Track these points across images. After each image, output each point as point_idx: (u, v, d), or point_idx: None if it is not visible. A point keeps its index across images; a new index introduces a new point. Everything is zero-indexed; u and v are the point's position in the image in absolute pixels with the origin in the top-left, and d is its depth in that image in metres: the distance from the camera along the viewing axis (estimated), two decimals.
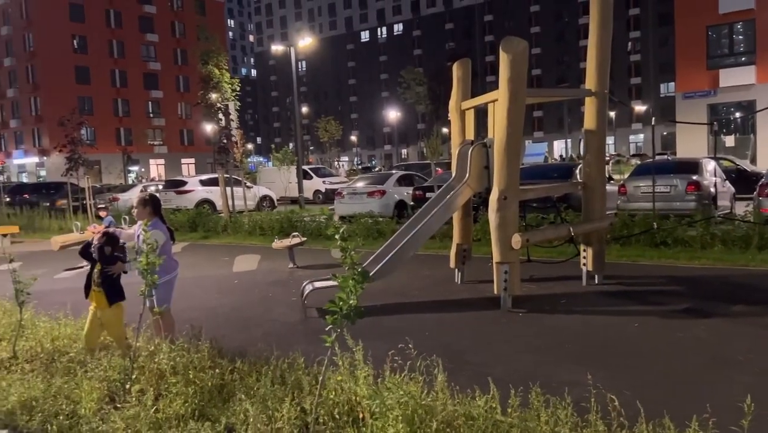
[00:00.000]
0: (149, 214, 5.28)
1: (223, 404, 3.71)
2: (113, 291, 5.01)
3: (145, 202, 5.31)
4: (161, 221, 5.34)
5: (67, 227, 17.72)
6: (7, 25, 63.16)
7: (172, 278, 5.37)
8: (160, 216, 5.38)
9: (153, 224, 5.20)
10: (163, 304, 5.18)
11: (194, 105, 25.40)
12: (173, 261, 5.40)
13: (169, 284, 5.32)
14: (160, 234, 5.09)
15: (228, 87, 17.34)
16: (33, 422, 3.73)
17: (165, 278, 5.16)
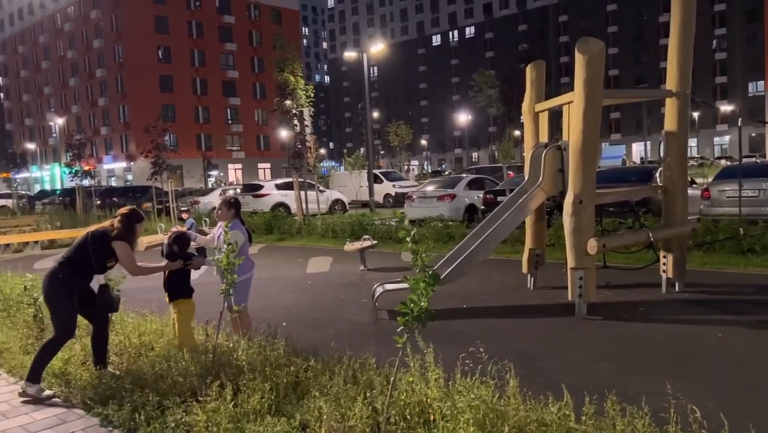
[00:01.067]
0: (232, 216, 5.50)
1: (298, 401, 3.82)
2: (175, 289, 5.19)
3: (228, 204, 5.54)
4: (241, 223, 5.55)
5: (151, 229, 18.64)
6: (99, 38, 67.22)
7: (248, 278, 5.56)
8: (240, 218, 5.59)
9: (233, 225, 5.42)
10: (240, 303, 5.36)
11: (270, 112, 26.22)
12: (250, 261, 5.60)
13: (246, 284, 5.50)
14: (240, 235, 5.30)
15: (302, 94, 17.79)
16: (123, 412, 3.97)
17: (242, 278, 5.33)
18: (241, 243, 5.29)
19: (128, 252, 4.78)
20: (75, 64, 72.46)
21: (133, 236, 4.89)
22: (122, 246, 4.74)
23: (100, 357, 4.84)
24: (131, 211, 4.96)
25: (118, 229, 4.80)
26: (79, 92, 72.50)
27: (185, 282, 5.22)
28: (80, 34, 70.74)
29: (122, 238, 4.76)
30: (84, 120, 70.95)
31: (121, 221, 4.82)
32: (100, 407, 4.13)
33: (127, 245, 4.79)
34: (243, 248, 5.38)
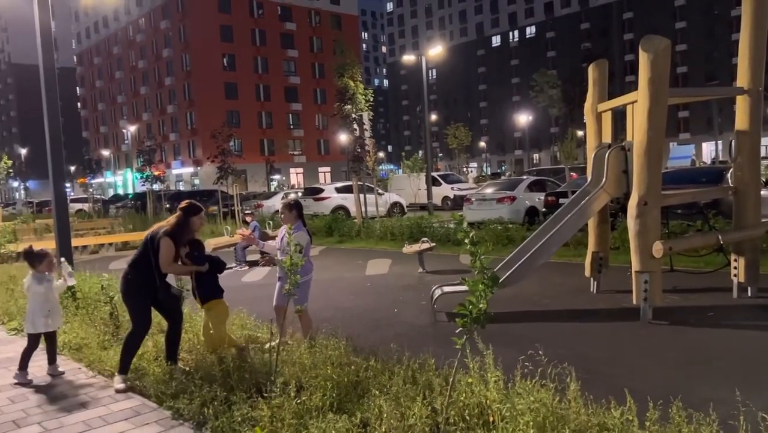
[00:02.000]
0: (295, 218, 5.64)
1: (358, 400, 3.91)
2: (206, 291, 5.28)
3: (291, 207, 5.69)
4: (303, 225, 5.68)
5: (218, 231, 19.27)
6: (168, 48, 69.97)
7: (309, 279, 5.69)
8: (302, 220, 5.73)
9: (297, 228, 5.55)
10: (301, 303, 5.48)
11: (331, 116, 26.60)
12: (310, 263, 5.73)
13: (306, 284, 5.62)
14: (305, 236, 5.44)
15: (362, 98, 17.99)
16: (192, 406, 4.16)
17: (303, 279, 5.43)
18: (305, 244, 5.42)
19: (168, 247, 4.89)
20: (146, 73, 75.65)
21: (188, 229, 5.02)
22: (165, 241, 4.90)
23: (172, 353, 5.08)
24: (188, 205, 5.11)
25: (170, 224, 5.01)
26: (150, 100, 75.63)
27: (215, 283, 5.31)
28: (151, 45, 73.81)
29: (169, 233, 4.92)
30: (154, 127, 73.95)
31: (177, 216, 5.04)
32: (172, 401, 4.33)
33: (170, 240, 4.90)
34: (305, 250, 5.51)
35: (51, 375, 5.28)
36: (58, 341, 6.03)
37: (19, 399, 4.79)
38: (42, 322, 5.24)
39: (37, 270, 5.29)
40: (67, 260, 8.14)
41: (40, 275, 5.30)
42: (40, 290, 5.26)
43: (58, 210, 8.68)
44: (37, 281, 5.28)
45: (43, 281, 5.29)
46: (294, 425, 3.56)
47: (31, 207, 40.69)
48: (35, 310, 5.25)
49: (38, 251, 5.38)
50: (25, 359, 5.24)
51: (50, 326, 5.30)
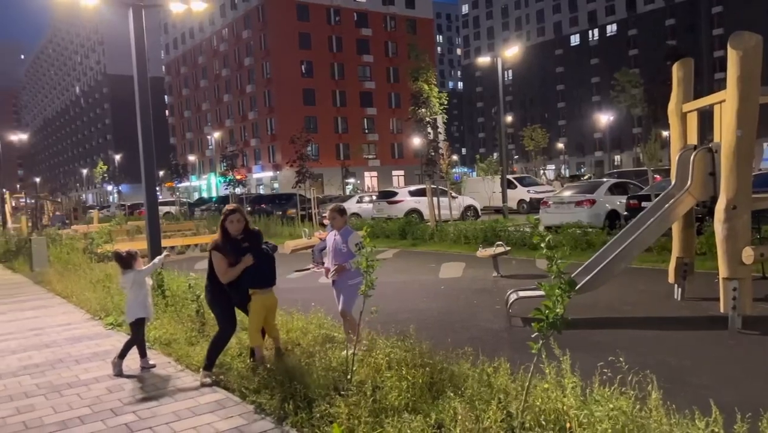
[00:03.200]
0: (344, 221, 5.70)
1: (433, 401, 3.95)
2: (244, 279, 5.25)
3: (341, 212, 5.73)
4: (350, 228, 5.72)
5: (296, 233, 19.81)
6: (249, 56, 72.50)
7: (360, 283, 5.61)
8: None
9: (346, 230, 5.62)
10: (353, 305, 5.52)
11: (405, 120, 26.80)
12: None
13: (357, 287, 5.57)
14: (358, 235, 5.48)
15: (436, 102, 18.01)
16: (273, 401, 4.34)
17: (356, 280, 5.47)
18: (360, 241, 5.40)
19: (218, 259, 5.09)
20: (228, 81, 78.68)
21: (228, 235, 5.16)
22: (214, 255, 5.14)
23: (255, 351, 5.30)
24: (223, 214, 5.31)
25: (215, 237, 5.29)
26: (232, 107, 78.57)
27: (258, 272, 5.21)
28: (233, 54, 76.70)
29: (214, 246, 5.16)
30: (236, 133, 76.76)
31: (218, 226, 5.29)
32: (254, 396, 4.53)
33: (217, 252, 5.10)
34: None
35: (143, 368, 5.63)
36: (149, 336, 6.43)
37: (115, 389, 5.14)
38: (137, 309, 5.67)
39: (128, 269, 5.72)
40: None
41: (131, 271, 5.71)
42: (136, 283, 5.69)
43: (150, 213, 9.21)
44: (130, 276, 5.69)
45: (135, 275, 5.71)
46: (370, 424, 3.64)
47: (124, 209, 43.16)
48: (131, 301, 5.70)
49: (126, 253, 5.82)
50: (126, 349, 5.63)
51: (141, 313, 5.68)
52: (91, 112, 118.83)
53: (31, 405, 4.82)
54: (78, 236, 18.00)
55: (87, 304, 8.90)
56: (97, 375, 5.56)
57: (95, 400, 4.88)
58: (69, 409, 4.68)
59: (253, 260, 5.13)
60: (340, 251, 5.55)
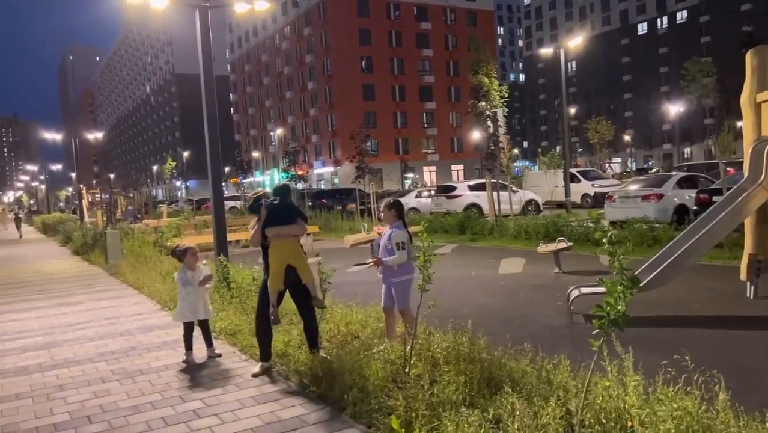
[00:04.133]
0: (394, 217, 5.59)
1: (490, 396, 3.95)
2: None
3: (390, 206, 5.63)
4: (403, 225, 5.62)
5: (355, 228, 20.03)
6: (310, 53, 73.56)
7: (407, 280, 5.53)
8: (402, 220, 5.66)
9: (396, 226, 5.55)
10: (404, 303, 5.47)
11: (464, 114, 26.56)
12: (411, 263, 5.53)
13: (405, 285, 5.51)
14: (404, 234, 5.45)
15: (497, 94, 17.77)
16: (333, 391, 4.44)
17: (402, 278, 5.48)
18: (405, 241, 5.39)
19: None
20: (290, 78, 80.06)
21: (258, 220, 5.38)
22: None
23: (312, 342, 5.41)
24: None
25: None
26: (294, 104, 79.96)
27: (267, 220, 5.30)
28: (295, 51, 77.98)
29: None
30: (298, 129, 78.09)
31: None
32: (315, 386, 4.65)
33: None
34: (407, 247, 5.43)
35: (209, 357, 5.85)
36: (216, 327, 6.68)
37: (183, 377, 5.37)
38: (185, 313, 5.84)
39: (183, 264, 5.92)
40: (224, 253, 8.93)
41: (184, 270, 5.90)
42: (180, 280, 5.87)
43: (216, 207, 9.53)
44: (181, 274, 5.90)
45: (185, 275, 5.88)
46: (428, 416, 3.68)
47: (191, 204, 44.68)
48: (180, 301, 5.92)
49: (181, 248, 6.03)
50: (186, 341, 5.86)
51: (188, 317, 5.85)
52: (161, 110, 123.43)
53: (107, 390, 5.10)
54: (149, 230, 18.80)
55: (157, 295, 9.31)
56: (167, 363, 5.83)
57: (165, 386, 5.12)
58: (141, 394, 4.93)
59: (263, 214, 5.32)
60: (385, 246, 5.52)
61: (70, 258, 17.73)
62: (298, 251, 5.32)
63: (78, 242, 19.35)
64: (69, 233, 22.87)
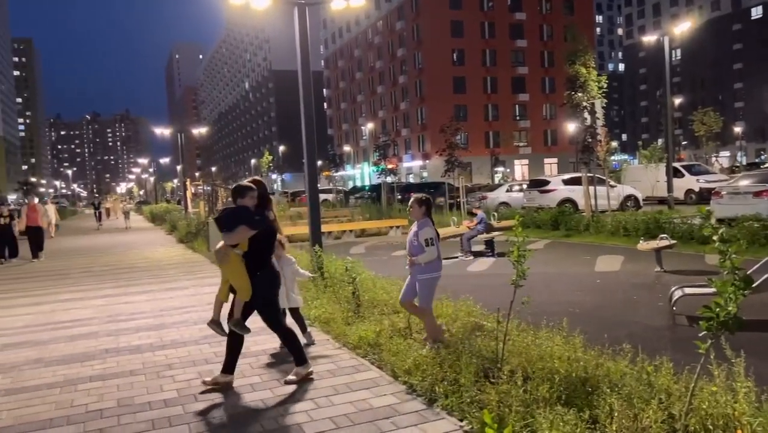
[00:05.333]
0: (423, 214, 5.51)
1: (587, 396, 3.84)
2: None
3: (421, 203, 5.55)
4: (431, 222, 5.54)
5: (444, 222, 19.98)
6: (402, 47, 73.87)
7: (433, 278, 5.49)
8: (429, 216, 5.58)
9: (423, 223, 5.48)
10: (424, 301, 5.45)
11: (559, 106, 25.82)
12: (438, 261, 5.51)
13: (429, 282, 5.47)
14: (431, 231, 5.39)
15: (594, 85, 17.16)
16: (425, 383, 4.47)
17: (428, 275, 5.43)
18: (431, 237, 5.34)
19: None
20: (382, 73, 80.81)
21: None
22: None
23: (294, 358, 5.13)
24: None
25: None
26: (385, 98, 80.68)
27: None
28: (387, 45, 78.60)
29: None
30: (388, 123, 78.76)
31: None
32: (406, 376, 4.70)
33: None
34: (435, 243, 5.37)
35: (305, 343, 6.03)
36: (310, 315, 6.90)
37: (281, 361, 5.59)
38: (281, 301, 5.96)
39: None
40: (318, 244, 9.20)
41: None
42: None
43: (312, 200, 9.81)
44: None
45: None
46: (521, 413, 3.64)
47: (287, 197, 46.22)
48: None
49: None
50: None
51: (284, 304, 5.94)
52: (259, 105, 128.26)
53: (210, 371, 5.40)
54: None
55: None
56: (265, 348, 6.08)
57: (264, 370, 5.36)
58: (242, 376, 5.19)
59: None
60: (412, 243, 5.49)
61: (175, 246, 18.85)
62: (233, 265, 4.77)
63: (183, 231, 20.53)
64: (174, 223, 24.33)
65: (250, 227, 4.63)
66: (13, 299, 9.92)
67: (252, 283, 4.77)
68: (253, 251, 4.74)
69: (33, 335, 7.19)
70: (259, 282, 4.79)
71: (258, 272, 4.78)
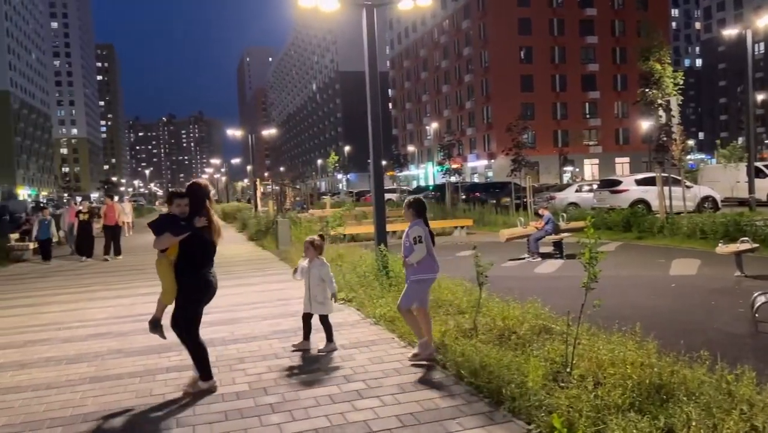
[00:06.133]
0: (413, 215, 5.56)
1: (661, 404, 3.71)
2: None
3: (409, 206, 5.62)
4: (423, 223, 5.51)
5: (510, 222, 19.70)
6: (468, 46, 73.31)
7: (424, 279, 5.47)
8: (423, 218, 5.53)
9: (413, 223, 5.50)
10: (410, 301, 5.41)
11: (632, 103, 24.94)
12: (430, 263, 5.46)
13: (420, 284, 5.45)
14: (420, 229, 5.39)
15: (670, 82, 16.52)
16: (491, 385, 4.44)
17: (418, 276, 5.41)
18: (421, 234, 5.35)
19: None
20: (447, 72, 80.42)
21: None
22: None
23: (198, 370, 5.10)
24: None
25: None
26: (450, 97, 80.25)
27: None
28: (452, 45, 78.16)
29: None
30: (453, 123, 78.30)
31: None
32: (472, 378, 4.68)
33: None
34: (425, 241, 5.38)
35: (327, 350, 5.92)
36: (375, 313, 6.98)
37: (347, 358, 5.66)
38: (304, 302, 6.05)
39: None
40: (383, 243, 9.26)
41: (301, 265, 6.14)
42: (300, 272, 6.11)
43: (377, 199, 9.89)
44: (300, 264, 6.17)
45: (300, 269, 6.11)
46: (592, 418, 3.55)
47: (351, 196, 46.76)
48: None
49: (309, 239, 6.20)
50: (303, 329, 6.11)
51: (305, 307, 6.02)
52: (325, 107, 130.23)
53: (280, 365, 5.54)
54: (314, 219, 20.01)
55: None
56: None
57: (331, 366, 5.45)
58: (309, 372, 5.30)
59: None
60: (404, 244, 5.54)
61: (245, 243, 19.41)
62: (160, 268, 4.89)
63: (252, 229, 21.12)
64: (245, 221, 25.05)
65: (173, 234, 4.72)
66: (97, 292, 10.50)
67: (178, 288, 4.83)
68: (181, 257, 4.80)
69: (115, 326, 7.59)
70: (182, 288, 4.82)
71: (183, 278, 4.81)
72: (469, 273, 6.01)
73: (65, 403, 4.77)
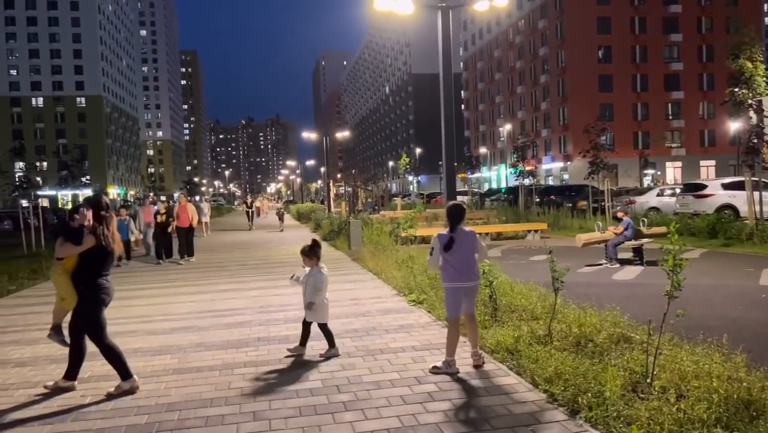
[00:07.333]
0: (444, 224, 5.59)
1: (750, 421, 3.53)
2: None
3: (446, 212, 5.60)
4: (444, 233, 5.38)
5: (587, 227, 19.14)
6: (544, 46, 71.76)
7: (446, 288, 5.42)
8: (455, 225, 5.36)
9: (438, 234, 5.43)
10: (448, 310, 5.46)
11: (720, 104, 23.65)
12: (452, 271, 5.32)
13: (446, 292, 5.44)
14: (434, 240, 5.38)
15: (762, 80, 15.64)
16: (567, 393, 4.33)
17: (444, 285, 5.44)
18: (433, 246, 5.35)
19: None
20: (522, 72, 79.02)
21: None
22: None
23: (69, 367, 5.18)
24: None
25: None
26: (524, 99, 78.78)
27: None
28: (528, 45, 76.73)
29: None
30: (527, 124, 76.82)
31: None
32: (547, 385, 4.59)
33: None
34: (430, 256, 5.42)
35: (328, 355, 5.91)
36: (442, 316, 6.90)
37: (418, 360, 5.68)
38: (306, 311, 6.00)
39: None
40: None
41: (302, 270, 6.10)
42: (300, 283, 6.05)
43: (450, 200, 9.86)
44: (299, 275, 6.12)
45: (301, 275, 6.06)
46: (674, 432, 3.42)
47: (422, 198, 46.78)
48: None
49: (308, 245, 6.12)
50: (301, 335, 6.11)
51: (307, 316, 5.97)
52: (397, 109, 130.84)
53: (352, 364, 5.63)
54: (385, 221, 20.14)
55: (393, 281, 9.97)
56: (403, 345, 6.22)
57: (402, 367, 5.48)
58: (381, 372, 5.35)
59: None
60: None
61: None
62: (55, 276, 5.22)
63: (326, 229, 21.51)
64: (318, 222, 25.55)
65: (72, 244, 4.95)
66: (179, 288, 10.99)
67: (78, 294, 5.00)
68: (78, 266, 4.99)
69: (196, 321, 7.92)
70: (81, 296, 4.98)
71: (81, 287, 4.98)
72: (543, 278, 5.89)
73: (150, 392, 5.02)
